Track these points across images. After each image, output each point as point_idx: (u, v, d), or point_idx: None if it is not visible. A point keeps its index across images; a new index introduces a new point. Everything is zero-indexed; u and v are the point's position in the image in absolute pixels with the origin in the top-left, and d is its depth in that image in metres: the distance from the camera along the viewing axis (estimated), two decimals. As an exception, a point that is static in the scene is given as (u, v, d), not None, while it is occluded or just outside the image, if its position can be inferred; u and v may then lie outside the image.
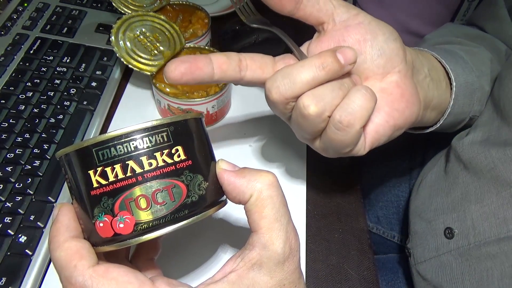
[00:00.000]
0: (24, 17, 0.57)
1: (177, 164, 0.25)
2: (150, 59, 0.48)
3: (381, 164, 0.66)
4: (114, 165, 0.24)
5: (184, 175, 0.25)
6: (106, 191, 0.24)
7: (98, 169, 0.24)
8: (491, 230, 0.40)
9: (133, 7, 0.53)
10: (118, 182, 0.24)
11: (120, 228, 0.24)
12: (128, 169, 0.24)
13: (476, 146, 0.44)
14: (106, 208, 0.24)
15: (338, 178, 0.48)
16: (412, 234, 0.51)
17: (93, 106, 0.49)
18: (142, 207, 0.24)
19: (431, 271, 0.46)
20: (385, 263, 0.60)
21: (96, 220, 0.25)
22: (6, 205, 0.39)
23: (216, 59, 0.32)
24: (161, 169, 0.24)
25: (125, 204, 0.24)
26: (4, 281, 0.35)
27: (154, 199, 0.24)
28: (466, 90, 0.43)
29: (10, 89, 0.48)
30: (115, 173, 0.24)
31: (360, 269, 0.41)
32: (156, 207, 0.24)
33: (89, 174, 0.24)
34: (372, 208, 0.65)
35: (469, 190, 0.43)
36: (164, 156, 0.25)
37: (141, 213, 0.24)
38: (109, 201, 0.24)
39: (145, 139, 0.24)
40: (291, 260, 0.26)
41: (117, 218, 0.24)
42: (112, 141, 0.24)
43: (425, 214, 0.49)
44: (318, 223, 0.44)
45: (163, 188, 0.24)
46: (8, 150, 0.43)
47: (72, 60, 0.53)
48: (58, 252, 0.25)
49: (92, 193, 0.24)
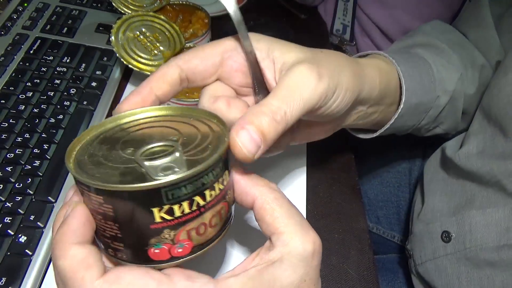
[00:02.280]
0: (24, 17, 0.57)
1: (225, 188, 0.26)
2: (150, 59, 0.48)
3: (381, 164, 0.66)
4: (181, 202, 0.23)
5: (228, 194, 0.26)
6: (169, 225, 0.24)
7: (165, 207, 0.23)
8: (490, 237, 0.40)
9: (133, 7, 0.53)
10: (184, 216, 0.24)
11: (178, 253, 0.25)
12: (194, 204, 0.24)
13: (473, 158, 0.43)
14: (167, 239, 0.24)
15: (338, 178, 0.48)
16: (411, 235, 0.51)
17: (93, 106, 0.49)
18: (201, 233, 0.25)
19: (428, 273, 0.46)
20: (385, 263, 0.60)
21: (150, 248, 0.24)
22: (6, 205, 0.39)
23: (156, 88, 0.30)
24: (217, 197, 0.25)
25: (187, 233, 0.24)
26: (4, 281, 0.35)
27: (211, 224, 0.25)
28: (416, 110, 0.43)
29: (10, 89, 0.48)
30: (182, 210, 0.24)
31: (360, 269, 0.41)
32: (210, 229, 0.26)
33: (152, 211, 0.23)
34: (372, 208, 0.65)
35: (475, 197, 0.43)
36: (219, 184, 0.25)
37: (199, 237, 0.25)
38: (172, 233, 0.24)
39: (210, 174, 0.24)
40: (316, 256, 0.26)
41: (177, 245, 0.24)
42: (184, 182, 0.23)
43: (423, 216, 0.49)
44: (318, 223, 0.44)
45: (217, 212, 0.25)
46: (8, 150, 0.43)
47: (72, 60, 0.53)
48: (62, 261, 0.23)
49: (152, 227, 0.24)
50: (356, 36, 0.78)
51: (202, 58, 0.31)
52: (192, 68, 0.31)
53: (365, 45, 0.78)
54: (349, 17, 0.76)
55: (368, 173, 0.66)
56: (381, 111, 0.40)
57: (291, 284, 0.25)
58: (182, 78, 0.31)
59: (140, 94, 0.30)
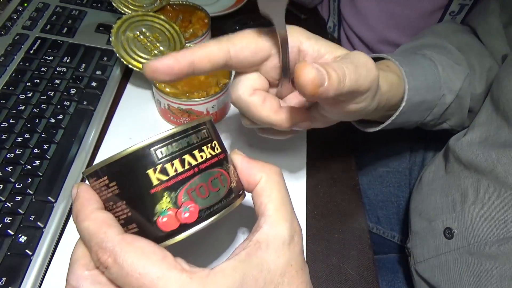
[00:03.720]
0: (24, 17, 0.57)
1: (218, 156, 0.28)
2: (150, 59, 0.48)
3: (381, 164, 0.66)
4: (173, 160, 0.26)
5: (224, 165, 0.29)
6: (167, 185, 0.25)
7: (158, 167, 0.25)
8: (490, 231, 0.40)
9: (133, 7, 0.53)
10: (179, 175, 0.26)
11: (185, 218, 0.26)
12: (185, 163, 0.26)
13: (475, 147, 0.44)
14: (170, 202, 0.25)
15: (338, 178, 0.48)
16: (412, 234, 0.51)
17: (93, 106, 0.49)
18: (203, 194, 0.26)
19: (429, 271, 0.46)
20: (385, 263, 0.60)
21: (158, 217, 0.25)
22: (6, 205, 0.39)
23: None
24: (210, 160, 0.27)
25: (188, 194, 0.26)
26: (4, 281, 0.35)
27: (211, 186, 0.27)
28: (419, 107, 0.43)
29: (10, 89, 0.48)
30: (175, 168, 0.26)
31: (360, 269, 0.41)
32: (213, 193, 0.27)
33: (148, 174, 0.25)
34: (372, 208, 0.65)
35: (469, 190, 0.43)
36: (209, 150, 0.28)
37: (203, 200, 0.26)
38: (172, 194, 0.25)
39: (193, 135, 0.27)
40: (297, 242, 0.28)
41: (182, 209, 0.26)
42: (169, 139, 0.26)
43: (425, 213, 0.49)
44: (318, 223, 0.44)
45: (215, 176, 0.27)
46: (8, 150, 0.43)
47: (72, 60, 0.53)
48: (87, 223, 0.25)
49: (152, 191, 0.25)
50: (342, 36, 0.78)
51: (253, 52, 0.32)
52: (241, 58, 0.32)
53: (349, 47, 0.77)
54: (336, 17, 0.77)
55: (368, 173, 0.66)
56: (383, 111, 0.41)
57: (277, 268, 0.26)
58: (227, 63, 0.32)
59: (179, 64, 0.30)
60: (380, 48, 0.72)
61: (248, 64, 0.33)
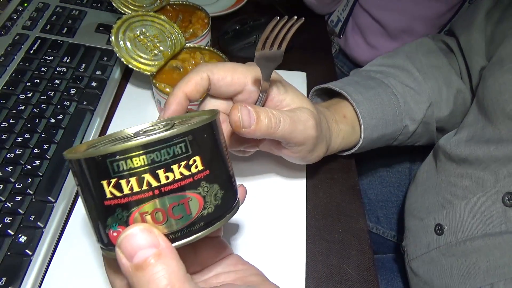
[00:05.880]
0: (24, 17, 0.57)
1: (195, 176, 0.24)
2: (150, 59, 0.48)
3: (381, 164, 0.66)
4: (129, 178, 0.22)
5: (201, 187, 0.24)
6: (120, 203, 0.23)
7: (112, 181, 0.22)
8: (478, 226, 0.41)
9: (133, 7, 0.53)
10: (134, 195, 0.22)
11: None
12: (144, 182, 0.22)
13: (462, 145, 0.45)
14: (120, 220, 0.23)
15: (338, 178, 0.48)
16: (406, 232, 0.51)
17: (93, 106, 0.49)
18: (158, 221, 0.23)
19: (422, 267, 0.46)
20: (384, 263, 0.60)
21: (110, 229, 0.24)
22: (6, 205, 0.39)
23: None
24: (178, 182, 0.23)
25: (140, 217, 0.23)
26: (4, 281, 0.35)
27: (171, 213, 0.23)
28: (379, 140, 0.48)
29: (10, 89, 0.48)
30: (130, 186, 0.22)
31: (360, 269, 0.41)
32: (172, 221, 0.23)
33: (102, 185, 0.22)
34: (372, 208, 0.65)
35: (457, 187, 0.44)
36: (181, 169, 0.23)
37: (158, 226, 0.23)
38: (124, 213, 0.23)
39: (163, 151, 0.22)
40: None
41: None
42: (128, 153, 0.22)
43: (417, 212, 0.49)
44: (318, 223, 0.44)
45: (179, 202, 0.23)
46: (8, 150, 0.43)
47: (72, 60, 0.53)
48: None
49: (105, 203, 0.23)
50: (347, 31, 0.81)
51: (228, 85, 0.36)
52: (217, 88, 0.36)
53: (354, 42, 0.81)
54: (345, 13, 0.79)
55: (368, 173, 0.66)
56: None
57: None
58: (208, 89, 0.36)
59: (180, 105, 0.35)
60: (403, 37, 0.76)
61: (222, 94, 0.37)
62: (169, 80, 0.49)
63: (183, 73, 0.50)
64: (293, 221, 0.43)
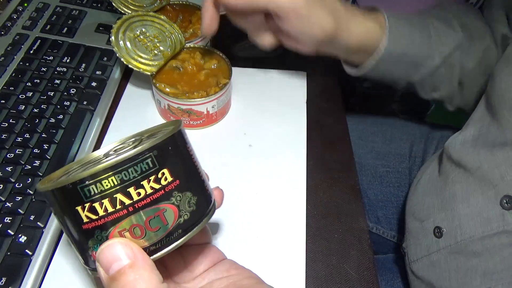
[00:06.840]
0: (24, 17, 0.57)
1: (165, 188, 0.25)
2: (150, 59, 0.48)
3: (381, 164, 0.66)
4: (102, 200, 0.23)
5: (174, 197, 0.25)
6: (97, 225, 0.24)
7: (86, 205, 0.23)
8: (476, 229, 0.41)
9: (133, 7, 0.53)
10: (109, 216, 0.23)
11: None
12: (117, 202, 0.23)
13: (467, 145, 0.45)
14: (101, 240, 0.24)
15: (338, 178, 0.48)
16: (407, 234, 0.51)
17: (93, 106, 0.49)
18: (137, 235, 0.24)
19: (423, 270, 0.46)
20: (384, 263, 0.60)
21: (92, 251, 0.24)
22: (6, 205, 0.39)
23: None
24: (150, 197, 0.24)
25: (119, 235, 0.24)
26: (4, 281, 0.35)
27: (148, 226, 0.24)
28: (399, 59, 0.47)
29: (10, 89, 0.48)
30: (104, 208, 0.23)
31: (360, 269, 0.41)
32: (150, 233, 0.24)
33: (77, 210, 0.23)
34: (372, 208, 0.65)
35: (456, 189, 0.44)
36: (151, 183, 0.24)
37: (136, 241, 0.24)
38: (103, 233, 0.24)
39: (130, 170, 0.23)
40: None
41: None
42: (97, 176, 0.23)
43: (418, 214, 0.49)
44: (318, 223, 0.44)
45: (155, 214, 0.24)
46: (8, 150, 0.43)
47: (72, 60, 0.53)
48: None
49: (83, 227, 0.24)
50: None
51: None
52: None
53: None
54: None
55: (368, 173, 0.66)
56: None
57: None
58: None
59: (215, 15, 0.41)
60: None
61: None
62: (169, 80, 0.49)
63: (183, 73, 0.50)
64: (293, 221, 0.43)
